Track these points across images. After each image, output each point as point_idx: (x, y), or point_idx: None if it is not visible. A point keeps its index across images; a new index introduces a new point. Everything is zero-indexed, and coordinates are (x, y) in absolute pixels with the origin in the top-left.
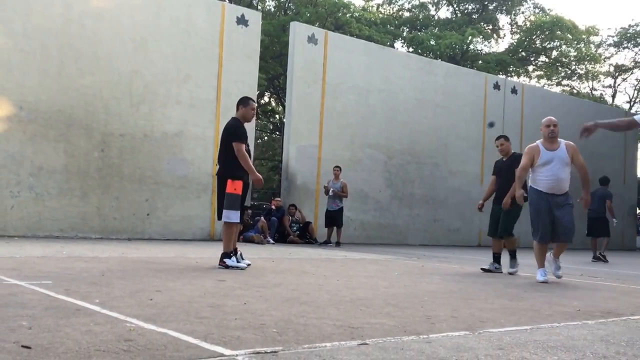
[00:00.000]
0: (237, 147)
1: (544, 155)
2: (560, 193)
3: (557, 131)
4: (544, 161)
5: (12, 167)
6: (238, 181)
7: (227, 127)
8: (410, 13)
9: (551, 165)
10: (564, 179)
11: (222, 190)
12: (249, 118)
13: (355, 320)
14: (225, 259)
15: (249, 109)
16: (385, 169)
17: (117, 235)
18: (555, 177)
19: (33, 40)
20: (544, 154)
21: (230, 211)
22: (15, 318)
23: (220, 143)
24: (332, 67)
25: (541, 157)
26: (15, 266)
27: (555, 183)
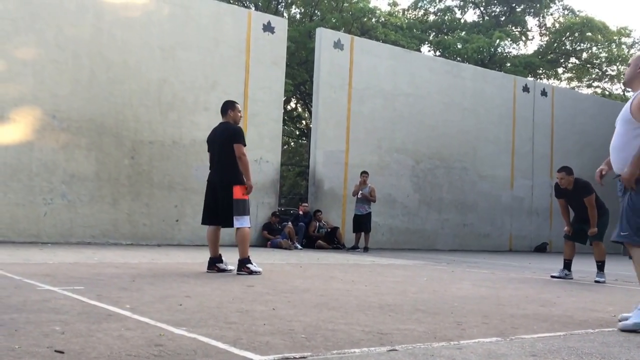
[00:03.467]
0: (242, 151)
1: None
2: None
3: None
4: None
5: (45, 175)
6: (244, 186)
7: (225, 132)
8: (436, 17)
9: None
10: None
11: (222, 198)
12: (238, 120)
13: (384, 326)
14: (247, 264)
15: (236, 112)
16: (413, 174)
17: (147, 242)
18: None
19: (65, 51)
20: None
21: (243, 217)
22: (49, 323)
23: (217, 147)
24: (358, 72)
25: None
26: (49, 272)
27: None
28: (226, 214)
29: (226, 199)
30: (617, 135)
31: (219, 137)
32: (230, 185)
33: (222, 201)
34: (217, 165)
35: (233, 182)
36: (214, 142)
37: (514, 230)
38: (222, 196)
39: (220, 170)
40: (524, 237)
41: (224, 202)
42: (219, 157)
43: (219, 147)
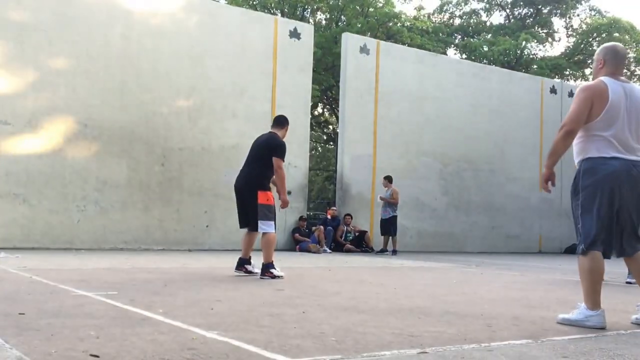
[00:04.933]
0: (279, 164)
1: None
2: None
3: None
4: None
5: (78, 182)
6: (269, 192)
7: (269, 141)
8: (462, 20)
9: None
10: None
11: (248, 202)
12: (284, 137)
13: (414, 328)
14: (271, 269)
15: (285, 130)
16: (441, 177)
17: (178, 247)
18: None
19: (96, 61)
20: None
21: (266, 222)
22: (84, 328)
23: (253, 154)
24: (384, 76)
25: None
26: (83, 278)
27: None
28: (254, 218)
29: (252, 203)
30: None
31: (259, 145)
32: (255, 190)
33: (249, 205)
34: (246, 168)
35: (257, 187)
36: (254, 147)
37: (543, 231)
38: (249, 200)
39: (247, 175)
40: (554, 239)
41: (251, 206)
42: (252, 161)
43: (254, 154)
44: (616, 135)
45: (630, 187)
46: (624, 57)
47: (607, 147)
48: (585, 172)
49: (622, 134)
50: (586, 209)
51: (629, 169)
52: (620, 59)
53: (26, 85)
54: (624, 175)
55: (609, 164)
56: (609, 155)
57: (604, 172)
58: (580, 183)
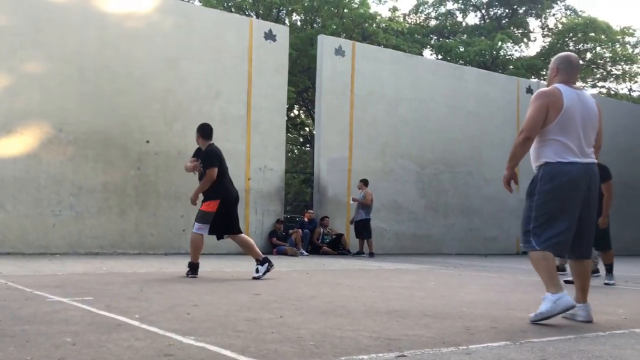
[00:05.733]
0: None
1: None
2: None
3: None
4: None
5: (54, 187)
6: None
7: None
8: (438, 21)
9: None
10: None
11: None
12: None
13: (392, 331)
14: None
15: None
16: (418, 179)
17: (154, 251)
18: None
19: (70, 64)
20: None
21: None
22: (60, 334)
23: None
24: (360, 77)
25: None
26: (58, 283)
27: None
28: (237, 223)
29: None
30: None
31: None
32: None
33: (235, 213)
34: (229, 180)
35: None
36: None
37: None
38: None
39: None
40: None
41: (235, 214)
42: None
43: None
44: (571, 140)
45: (585, 189)
46: (577, 66)
47: (564, 151)
48: (544, 176)
49: (576, 139)
50: (541, 212)
51: (585, 172)
52: (573, 68)
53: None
54: (581, 180)
55: (568, 169)
56: (566, 160)
57: (563, 177)
58: (538, 186)
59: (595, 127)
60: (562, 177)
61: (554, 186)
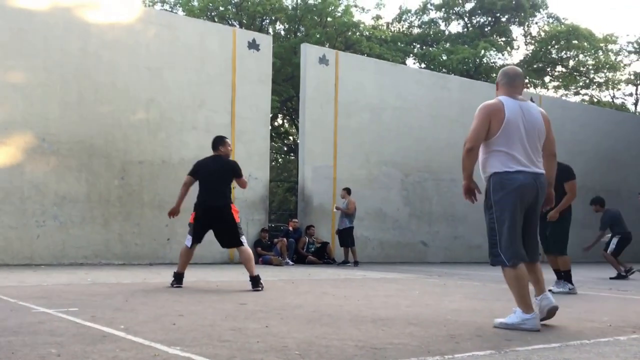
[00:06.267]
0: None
1: None
2: None
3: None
4: None
5: (37, 197)
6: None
7: (230, 164)
8: (421, 29)
9: None
10: None
11: (226, 222)
12: (229, 154)
13: (378, 340)
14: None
15: (227, 147)
16: (403, 187)
17: (139, 261)
18: None
19: (53, 74)
20: None
21: (243, 236)
22: (45, 345)
23: (218, 176)
24: (344, 86)
25: None
26: (43, 294)
27: None
28: (233, 234)
29: (229, 222)
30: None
31: (222, 168)
32: (230, 208)
33: (225, 224)
34: (213, 191)
35: (230, 206)
36: (217, 171)
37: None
38: (224, 219)
39: (221, 195)
40: None
41: (229, 225)
42: (219, 185)
43: (220, 175)
44: (516, 150)
45: (533, 197)
46: (516, 77)
47: (510, 161)
48: (495, 187)
49: (522, 148)
50: (501, 224)
51: (532, 181)
52: (512, 79)
53: None
54: (530, 187)
55: (515, 178)
56: (512, 169)
57: (511, 185)
58: (492, 198)
59: (542, 136)
60: (510, 184)
61: (505, 194)
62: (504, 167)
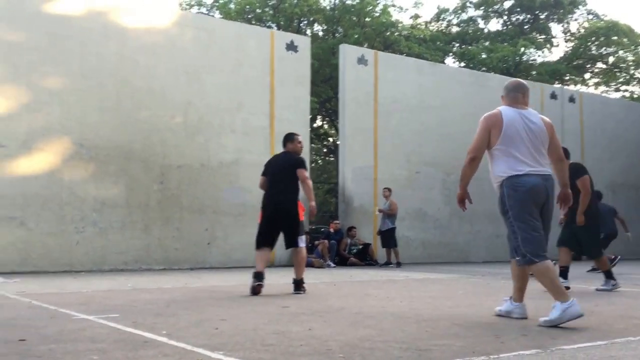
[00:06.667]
0: (306, 176)
1: None
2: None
3: None
4: None
5: (76, 203)
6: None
7: (294, 158)
8: (460, 28)
9: None
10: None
11: (289, 219)
12: (300, 151)
13: (422, 342)
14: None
15: (295, 144)
16: (444, 186)
17: (179, 266)
18: None
19: (90, 79)
20: None
21: (302, 237)
22: (86, 352)
23: (284, 173)
24: (383, 86)
25: None
26: (84, 301)
27: None
28: (293, 232)
29: (290, 221)
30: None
31: (284, 164)
32: (296, 207)
33: (289, 221)
34: (279, 188)
35: (296, 204)
36: (279, 168)
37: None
38: (289, 216)
39: (283, 194)
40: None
41: (287, 224)
42: (280, 183)
43: (281, 172)
44: (521, 153)
45: (544, 199)
46: (517, 89)
47: (516, 164)
48: (508, 193)
49: (525, 151)
50: (520, 226)
51: (542, 181)
52: (510, 90)
53: (20, 106)
54: (540, 187)
55: (525, 180)
56: (521, 172)
57: (523, 188)
58: (507, 203)
59: (545, 140)
60: (521, 187)
61: (518, 196)
62: (512, 170)
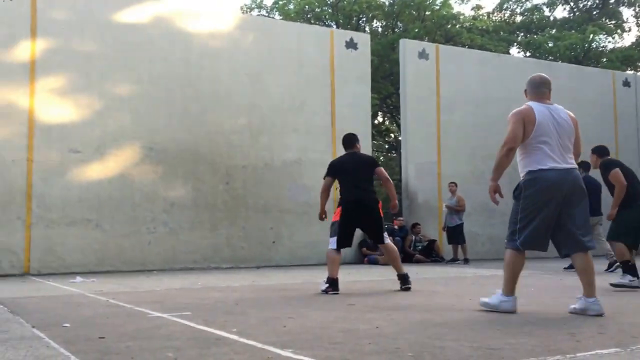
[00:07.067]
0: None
1: None
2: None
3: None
4: None
5: (147, 205)
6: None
7: (371, 158)
8: (524, 17)
9: None
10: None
11: (373, 216)
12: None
13: (494, 340)
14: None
15: (360, 144)
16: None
17: (246, 264)
18: None
19: (157, 85)
20: None
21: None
22: (162, 350)
23: (361, 172)
24: (445, 80)
25: None
26: (157, 299)
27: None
28: (379, 229)
29: (373, 217)
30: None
31: (361, 162)
32: (377, 204)
33: (373, 219)
34: (359, 187)
35: (377, 202)
36: (352, 168)
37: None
38: (373, 214)
39: (366, 191)
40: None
41: (377, 220)
42: (362, 181)
43: (360, 171)
44: (550, 148)
45: (569, 190)
46: (542, 84)
47: (544, 159)
48: (528, 183)
49: (554, 147)
50: (526, 214)
51: (565, 175)
52: (537, 86)
53: (93, 113)
54: (561, 182)
55: (546, 176)
56: (546, 166)
57: (542, 183)
58: (523, 191)
59: (571, 136)
60: (542, 182)
61: (535, 190)
62: (538, 165)
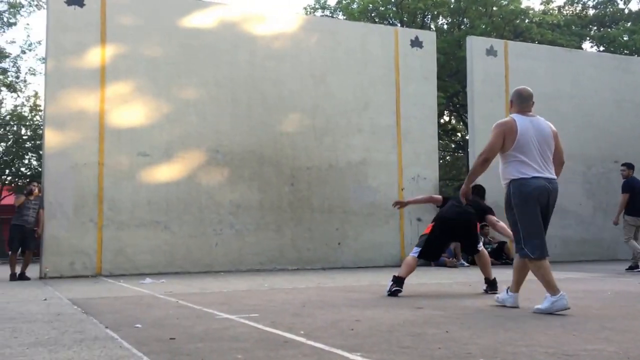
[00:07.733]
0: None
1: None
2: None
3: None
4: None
5: (214, 207)
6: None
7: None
8: (597, 10)
9: None
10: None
11: (470, 230)
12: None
13: (569, 346)
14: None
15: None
16: (585, 180)
17: (311, 266)
18: None
19: (223, 88)
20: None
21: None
22: (231, 351)
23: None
24: (514, 77)
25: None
26: (225, 300)
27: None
28: (475, 243)
29: (475, 233)
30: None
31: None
32: (475, 217)
33: (470, 234)
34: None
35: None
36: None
37: None
38: (469, 227)
39: (465, 206)
40: None
41: (473, 236)
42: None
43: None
44: (530, 158)
45: (546, 199)
46: (528, 97)
47: (525, 168)
48: (514, 192)
49: (534, 158)
50: (523, 223)
51: (546, 184)
52: (524, 100)
53: (161, 117)
54: (543, 190)
55: (531, 182)
56: (529, 175)
57: (528, 189)
58: (512, 201)
59: (552, 146)
60: (527, 188)
61: (524, 197)
62: (520, 174)
